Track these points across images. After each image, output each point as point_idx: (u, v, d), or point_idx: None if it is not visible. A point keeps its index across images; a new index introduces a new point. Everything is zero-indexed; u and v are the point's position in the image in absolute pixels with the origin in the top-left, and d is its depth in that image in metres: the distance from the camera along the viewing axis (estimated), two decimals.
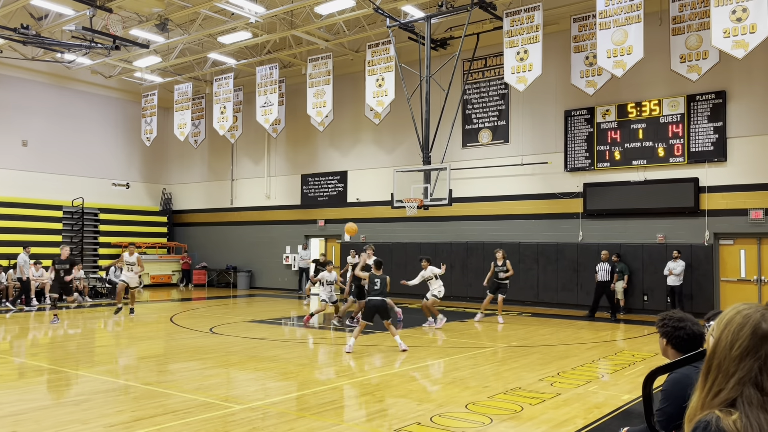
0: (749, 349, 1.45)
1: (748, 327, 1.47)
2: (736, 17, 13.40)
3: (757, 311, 1.50)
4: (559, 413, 6.80)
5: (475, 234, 19.65)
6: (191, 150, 27.16)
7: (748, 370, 1.43)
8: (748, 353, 1.44)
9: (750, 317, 1.48)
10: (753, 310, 1.51)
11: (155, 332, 13.46)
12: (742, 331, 1.47)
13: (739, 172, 15.71)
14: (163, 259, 26.52)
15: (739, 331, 1.47)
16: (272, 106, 21.92)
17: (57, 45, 19.54)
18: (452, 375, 8.87)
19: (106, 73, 25.32)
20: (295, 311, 18.24)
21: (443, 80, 18.39)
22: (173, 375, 8.86)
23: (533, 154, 18.69)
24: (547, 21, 17.13)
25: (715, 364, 1.49)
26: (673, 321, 3.40)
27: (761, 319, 1.47)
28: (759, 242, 15.63)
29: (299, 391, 7.84)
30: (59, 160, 24.65)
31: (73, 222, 24.68)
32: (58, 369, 9.22)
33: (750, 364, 1.43)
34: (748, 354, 1.44)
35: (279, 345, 11.63)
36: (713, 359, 1.50)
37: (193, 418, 6.43)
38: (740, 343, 1.46)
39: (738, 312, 1.52)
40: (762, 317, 1.48)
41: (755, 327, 1.46)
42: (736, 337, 1.47)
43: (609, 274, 15.74)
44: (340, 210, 23.08)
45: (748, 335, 1.46)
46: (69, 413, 6.70)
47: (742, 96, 15.74)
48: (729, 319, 1.52)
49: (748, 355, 1.44)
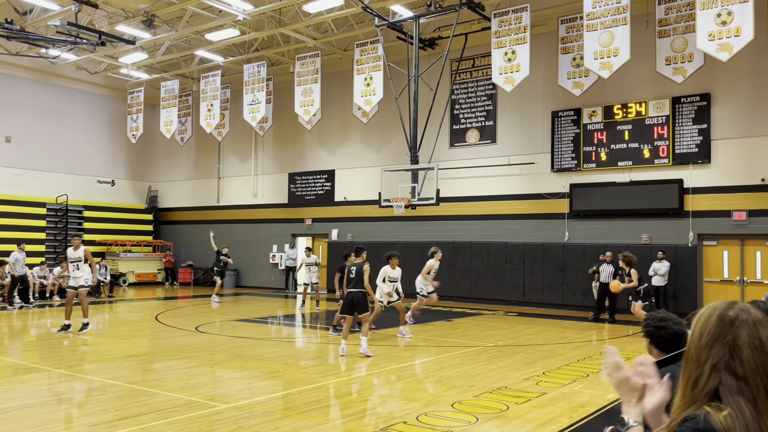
0: (717, 336, 1.52)
1: (715, 316, 1.56)
2: (721, 20, 13.54)
3: (725, 303, 1.59)
4: (545, 412, 6.84)
5: (462, 234, 19.70)
6: (178, 148, 26.98)
7: (719, 355, 1.49)
8: (716, 339, 1.52)
9: (717, 308, 1.58)
10: (722, 303, 1.60)
11: (140, 331, 13.36)
12: (709, 320, 1.56)
13: (722, 174, 15.88)
14: (148, 257, 26.32)
15: (707, 320, 1.56)
16: (260, 104, 21.84)
17: (42, 40, 19.32)
18: (438, 374, 8.88)
19: (92, 69, 25.08)
20: (282, 310, 18.19)
21: (431, 80, 18.42)
22: (158, 374, 8.79)
23: (520, 155, 18.77)
24: (534, 22, 17.21)
25: (690, 356, 1.56)
26: (655, 321, 3.45)
27: (728, 307, 1.56)
28: (742, 243, 15.81)
29: (285, 390, 7.82)
30: (43, 157, 24.37)
31: (56, 219, 24.42)
32: (41, 368, 9.12)
33: (719, 349, 1.50)
34: (716, 340, 1.52)
35: (265, 344, 11.59)
36: (689, 352, 1.58)
37: (178, 417, 6.39)
38: (708, 330, 1.54)
39: (708, 307, 1.61)
40: (728, 307, 1.56)
41: (721, 315, 1.55)
42: (705, 326, 1.56)
43: (612, 275, 15.54)
44: (328, 209, 23.04)
45: (714, 323, 1.54)
46: (52, 412, 6.63)
47: (726, 98, 15.91)
48: (700, 314, 1.61)
49: (716, 341, 1.52)
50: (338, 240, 22.54)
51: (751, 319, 1.52)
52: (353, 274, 10.23)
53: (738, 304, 1.56)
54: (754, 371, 1.45)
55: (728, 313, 1.54)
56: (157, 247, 27.24)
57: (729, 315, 1.53)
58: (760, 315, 1.53)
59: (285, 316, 17.01)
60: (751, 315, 1.53)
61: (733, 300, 1.60)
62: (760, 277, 15.52)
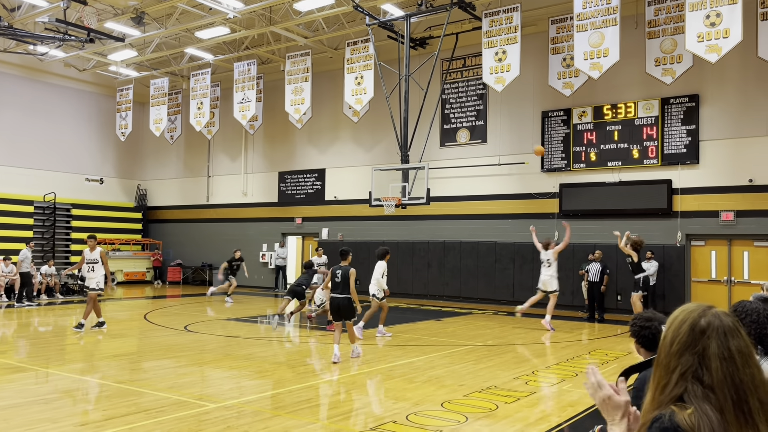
0: (688, 345, 1.53)
1: (687, 324, 1.56)
2: (710, 22, 13.64)
3: (697, 309, 1.59)
4: (534, 411, 6.86)
5: (453, 233, 19.73)
6: (167, 146, 26.84)
7: (688, 364, 1.51)
8: (687, 348, 1.53)
9: (690, 315, 1.58)
10: (695, 308, 1.60)
11: (128, 330, 13.27)
12: (681, 327, 1.56)
13: (710, 175, 16.00)
14: (137, 255, 26.17)
15: (679, 328, 1.57)
16: (250, 103, 21.76)
17: (30, 37, 19.16)
18: (428, 374, 8.89)
19: (80, 67, 24.89)
20: (271, 309, 18.13)
21: (422, 79, 18.43)
22: (146, 373, 8.74)
23: (510, 155, 18.82)
24: (525, 22, 17.25)
25: (660, 361, 1.58)
26: (641, 321, 3.48)
27: (700, 316, 1.56)
28: (729, 243, 15.93)
29: (274, 390, 7.80)
30: (31, 155, 24.16)
31: (44, 217, 24.22)
32: (28, 367, 9.05)
33: (688, 358, 1.51)
34: (687, 349, 1.53)
35: (254, 343, 11.55)
36: (659, 357, 1.59)
37: (167, 416, 6.35)
38: (679, 339, 1.55)
39: (681, 311, 1.61)
40: (701, 315, 1.56)
41: (693, 323, 1.55)
42: (676, 334, 1.56)
43: (599, 273, 15.73)
44: (318, 208, 23.00)
45: (686, 331, 1.55)
46: (39, 412, 6.57)
47: (714, 100, 16.02)
48: (673, 319, 1.61)
49: (687, 350, 1.53)
50: (329, 239, 22.50)
51: (723, 328, 1.53)
52: (338, 278, 9.61)
53: (711, 312, 1.57)
54: (722, 381, 1.47)
55: (700, 322, 1.54)
56: (145, 245, 27.08)
57: (701, 324, 1.54)
58: (731, 324, 1.54)
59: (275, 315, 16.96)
60: (723, 324, 1.54)
61: (707, 305, 1.60)
62: (747, 277, 15.64)
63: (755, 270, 15.54)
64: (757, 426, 1.44)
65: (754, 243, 15.60)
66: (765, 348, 3.56)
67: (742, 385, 1.46)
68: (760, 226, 15.33)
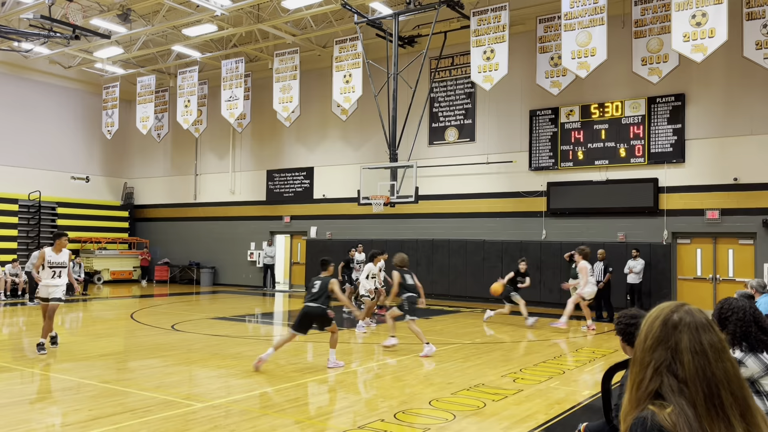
0: (660, 339, 1.55)
1: (659, 319, 1.58)
2: (695, 21, 13.74)
3: (670, 306, 1.61)
4: (521, 409, 6.89)
5: (441, 231, 19.76)
6: (154, 144, 26.65)
7: (662, 359, 1.52)
8: (659, 343, 1.54)
9: (663, 311, 1.60)
10: (668, 305, 1.62)
11: (114, 329, 13.17)
12: (654, 323, 1.58)
13: (696, 174, 16.14)
14: (124, 254, 25.98)
15: (652, 324, 1.59)
16: (238, 101, 21.66)
17: (14, 33, 18.92)
18: (416, 372, 8.90)
19: (66, 64, 24.64)
20: (260, 308, 18.08)
21: (410, 78, 18.42)
22: (132, 373, 8.68)
23: (498, 153, 18.87)
24: (513, 21, 17.30)
25: (635, 357, 1.59)
26: (626, 318, 3.51)
27: (672, 311, 1.58)
28: (714, 242, 16.08)
29: (262, 389, 7.77)
30: (15, 152, 23.90)
31: (29, 216, 23.98)
32: (13, 367, 8.95)
33: (661, 353, 1.53)
34: (659, 344, 1.54)
35: (242, 342, 11.50)
36: (635, 354, 1.60)
37: (153, 416, 6.31)
38: (652, 334, 1.57)
39: (656, 309, 1.63)
40: (673, 311, 1.58)
41: (665, 318, 1.57)
42: (650, 330, 1.58)
43: (603, 273, 15.17)
44: (306, 206, 22.94)
45: (659, 326, 1.57)
46: (24, 412, 6.51)
47: (700, 99, 16.16)
48: (648, 316, 1.63)
49: (660, 345, 1.54)
50: (317, 237, 22.45)
51: (695, 323, 1.54)
52: (315, 287, 8.94)
53: (683, 308, 1.58)
54: (694, 375, 1.48)
55: (672, 317, 1.56)
56: (132, 244, 26.88)
57: (673, 319, 1.56)
58: (703, 319, 1.56)
59: (262, 314, 16.92)
60: (694, 319, 1.55)
61: (681, 302, 1.62)
62: (732, 275, 15.80)
63: (740, 267, 15.70)
64: (729, 419, 1.45)
65: (738, 241, 15.76)
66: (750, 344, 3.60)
67: (714, 379, 1.47)
68: (745, 224, 15.49)
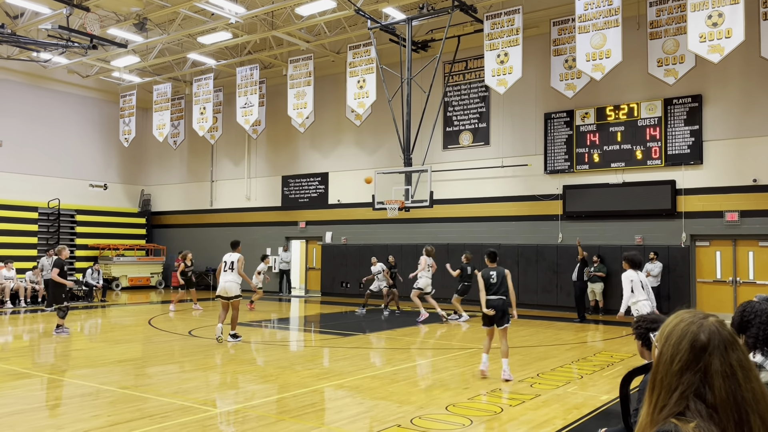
0: (689, 363, 1.44)
1: (686, 340, 1.47)
2: (712, 22, 13.61)
3: (694, 322, 1.49)
4: (539, 414, 6.83)
5: (456, 236, 19.70)
6: (170, 151, 26.90)
7: (690, 384, 1.43)
8: (688, 367, 1.44)
9: (688, 330, 1.48)
10: (692, 320, 1.51)
11: (132, 335, 13.28)
12: (681, 344, 1.47)
13: (714, 175, 15.95)
14: (141, 261, 26.20)
15: (678, 345, 1.47)
16: (252, 107, 21.79)
17: (33, 44, 19.21)
18: (433, 377, 8.87)
19: (83, 73, 24.98)
20: (276, 313, 18.13)
21: (424, 82, 18.43)
22: (151, 378, 8.74)
23: (513, 157, 18.80)
24: (527, 24, 17.24)
25: (659, 379, 1.48)
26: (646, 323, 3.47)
27: (699, 330, 1.47)
28: (734, 244, 15.87)
29: (279, 394, 7.79)
30: (35, 161, 24.24)
31: (48, 224, 24.29)
32: (33, 373, 9.05)
33: (690, 377, 1.43)
34: (688, 368, 1.44)
35: (259, 347, 11.54)
36: (656, 374, 1.50)
37: (171, 422, 6.34)
38: (680, 357, 1.46)
39: (678, 323, 1.52)
40: (699, 329, 1.48)
41: (693, 340, 1.46)
42: (676, 351, 1.47)
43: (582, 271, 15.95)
44: (321, 212, 23.00)
45: (687, 349, 1.46)
46: (43, 418, 6.58)
47: (717, 100, 15.98)
48: (669, 331, 1.52)
49: (688, 369, 1.44)
50: (332, 243, 22.49)
51: (723, 343, 1.45)
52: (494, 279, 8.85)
53: (708, 324, 1.48)
54: (725, 401, 1.40)
55: (700, 338, 1.46)
56: (150, 251, 27.11)
57: (701, 340, 1.46)
58: (729, 336, 1.47)
59: (279, 320, 16.97)
60: (722, 337, 1.46)
61: (703, 314, 1.52)
62: (752, 278, 15.58)
63: (760, 270, 15.48)
64: None
65: (759, 243, 15.54)
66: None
67: (744, 403, 1.40)
68: (765, 225, 15.27)
